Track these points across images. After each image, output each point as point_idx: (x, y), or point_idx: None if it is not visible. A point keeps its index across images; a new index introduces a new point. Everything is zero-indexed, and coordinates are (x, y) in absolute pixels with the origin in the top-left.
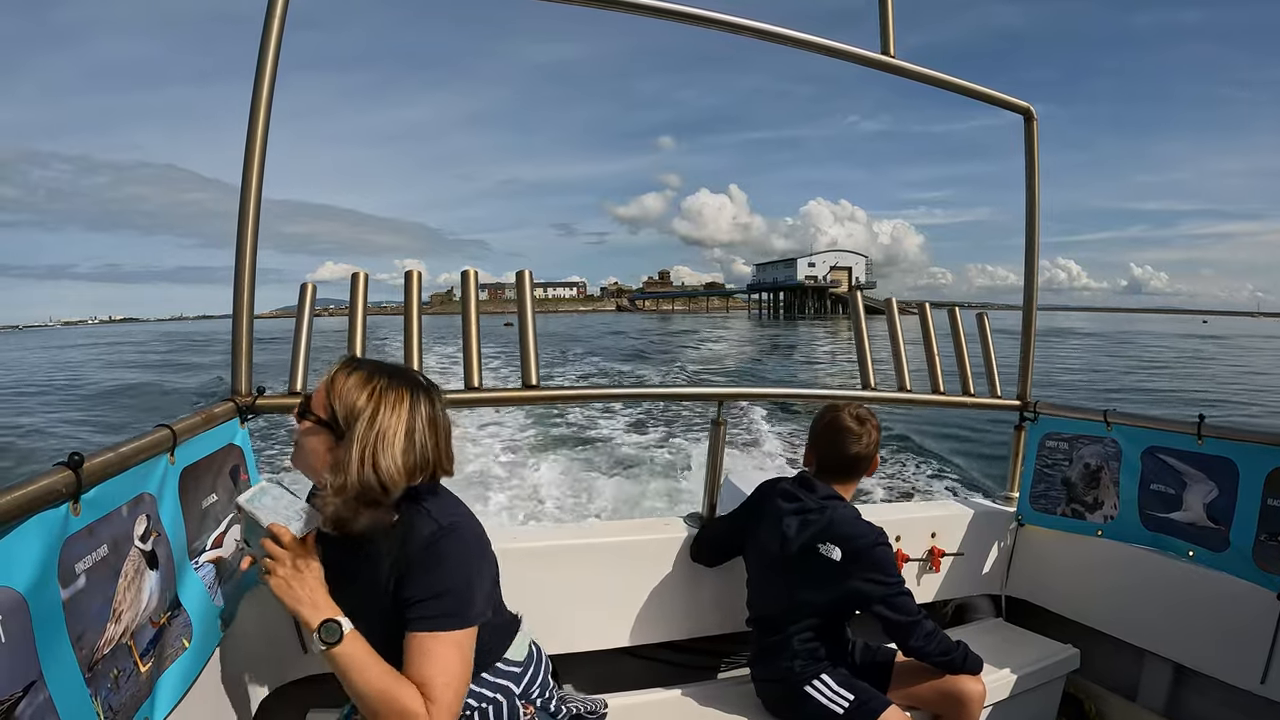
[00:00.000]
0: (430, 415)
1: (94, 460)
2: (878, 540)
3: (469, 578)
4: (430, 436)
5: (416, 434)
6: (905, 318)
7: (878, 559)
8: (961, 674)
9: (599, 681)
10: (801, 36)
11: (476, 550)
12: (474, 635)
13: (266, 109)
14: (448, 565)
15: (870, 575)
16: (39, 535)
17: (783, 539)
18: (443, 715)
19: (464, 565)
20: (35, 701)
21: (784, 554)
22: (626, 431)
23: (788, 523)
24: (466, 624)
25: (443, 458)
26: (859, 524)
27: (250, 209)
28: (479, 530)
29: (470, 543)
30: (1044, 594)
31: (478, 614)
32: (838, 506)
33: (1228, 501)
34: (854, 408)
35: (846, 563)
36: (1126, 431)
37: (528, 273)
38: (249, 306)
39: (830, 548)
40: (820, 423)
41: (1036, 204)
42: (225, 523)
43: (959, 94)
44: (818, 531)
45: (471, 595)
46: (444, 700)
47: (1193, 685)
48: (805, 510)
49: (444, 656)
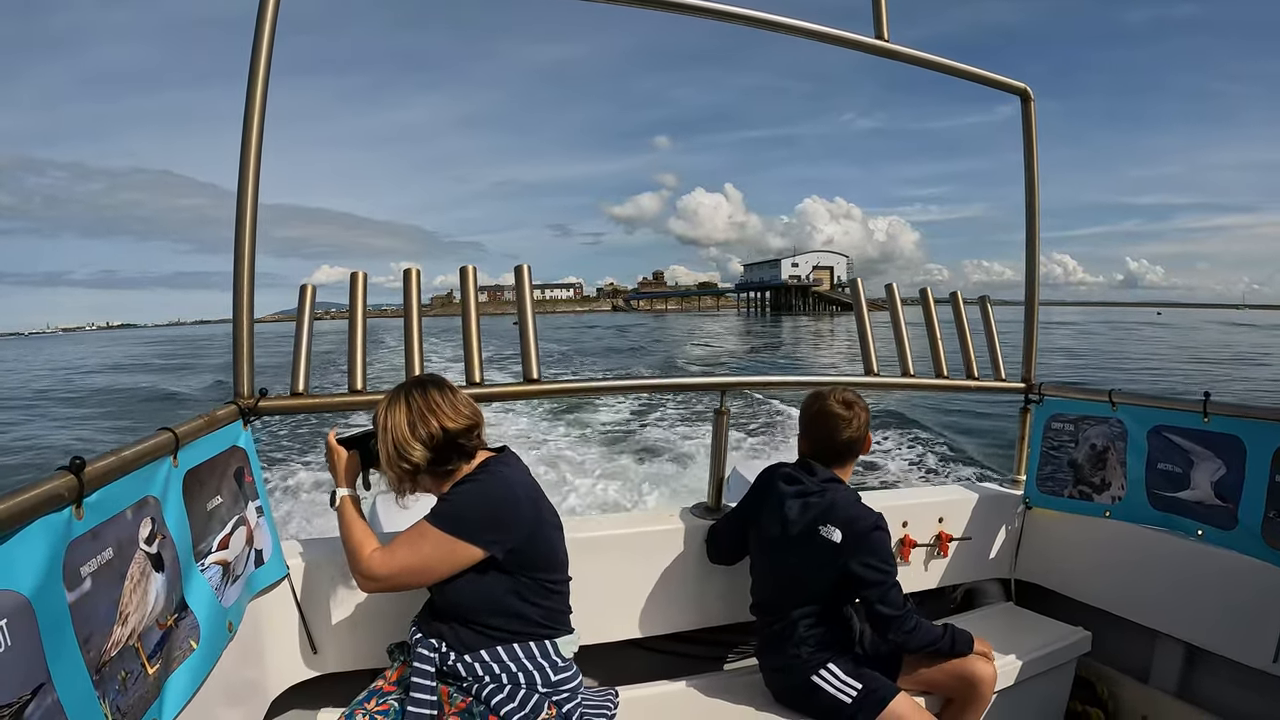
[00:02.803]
0: (424, 405)
1: (96, 464)
2: (877, 524)
3: (475, 505)
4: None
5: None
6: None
7: (875, 543)
8: (953, 657)
9: (608, 674)
10: (795, 24)
11: (499, 492)
12: (449, 545)
13: (260, 112)
14: (467, 489)
15: (866, 559)
16: (42, 539)
17: (784, 521)
18: (372, 567)
19: (477, 495)
20: (44, 704)
21: (786, 536)
22: (631, 423)
23: (789, 505)
24: (445, 527)
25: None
26: (859, 506)
27: (247, 213)
28: (519, 490)
29: (491, 485)
30: (1053, 576)
31: (465, 532)
32: (838, 489)
33: (1235, 479)
34: (840, 392)
35: (846, 545)
36: (1132, 411)
37: (526, 268)
38: (249, 310)
39: (831, 529)
40: (809, 411)
41: (1036, 186)
42: (231, 524)
43: (954, 76)
44: (819, 513)
45: (470, 514)
46: (382, 560)
47: (1204, 665)
48: (807, 493)
49: (411, 537)
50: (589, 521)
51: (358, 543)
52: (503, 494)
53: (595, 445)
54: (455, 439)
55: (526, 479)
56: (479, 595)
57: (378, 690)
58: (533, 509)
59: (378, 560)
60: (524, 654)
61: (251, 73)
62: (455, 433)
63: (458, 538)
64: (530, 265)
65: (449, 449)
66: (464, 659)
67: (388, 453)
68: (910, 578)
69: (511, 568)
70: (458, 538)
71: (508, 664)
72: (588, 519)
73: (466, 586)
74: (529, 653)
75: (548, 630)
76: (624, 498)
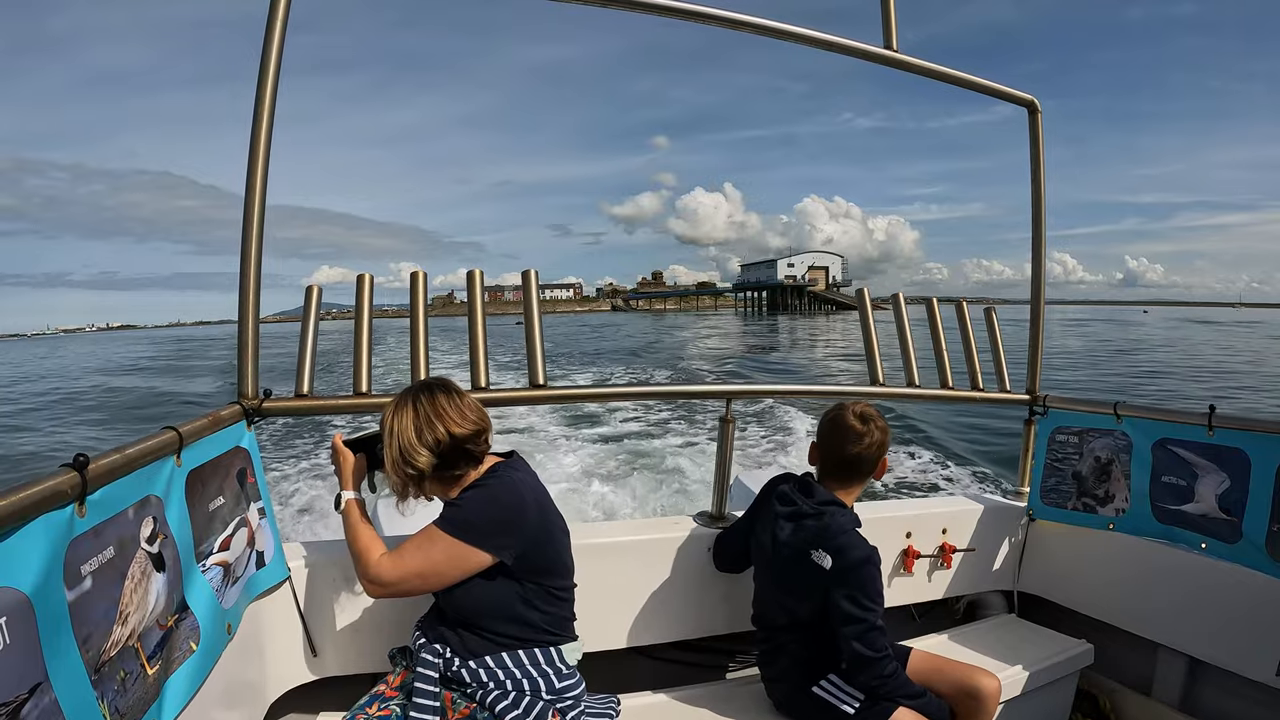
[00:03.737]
0: (431, 410)
1: (99, 462)
2: (868, 558)
3: (485, 510)
4: (438, 424)
5: (424, 430)
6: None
7: (864, 579)
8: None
9: (610, 682)
10: (804, 32)
11: (508, 498)
12: (458, 550)
13: (270, 112)
14: (476, 494)
15: (852, 594)
16: (44, 536)
17: (776, 541)
18: (380, 572)
19: (487, 500)
20: (41, 703)
21: (778, 555)
22: (636, 429)
23: (781, 526)
24: (455, 532)
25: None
26: (853, 536)
27: (255, 213)
28: (527, 495)
29: (501, 490)
30: (1056, 589)
31: (475, 538)
32: (835, 513)
33: (1240, 492)
34: (859, 406)
35: (834, 573)
36: (1137, 424)
37: (533, 272)
38: (254, 310)
39: (822, 555)
40: (825, 418)
41: (1043, 196)
42: (233, 525)
43: (963, 88)
44: (810, 537)
45: (480, 519)
46: (391, 565)
47: (1207, 679)
48: (800, 515)
49: (420, 542)
50: (592, 528)
51: (364, 547)
52: (512, 499)
53: (599, 450)
54: (462, 444)
55: (535, 484)
56: (486, 601)
57: (379, 695)
58: (541, 514)
59: (386, 565)
60: (529, 661)
61: (261, 74)
62: (462, 438)
63: (467, 543)
64: (530, 266)
65: (456, 454)
66: (468, 665)
67: (393, 458)
68: (913, 589)
69: (519, 573)
70: (467, 543)
71: (512, 670)
72: (591, 525)
73: (473, 592)
74: (534, 659)
75: (553, 637)
76: (627, 504)
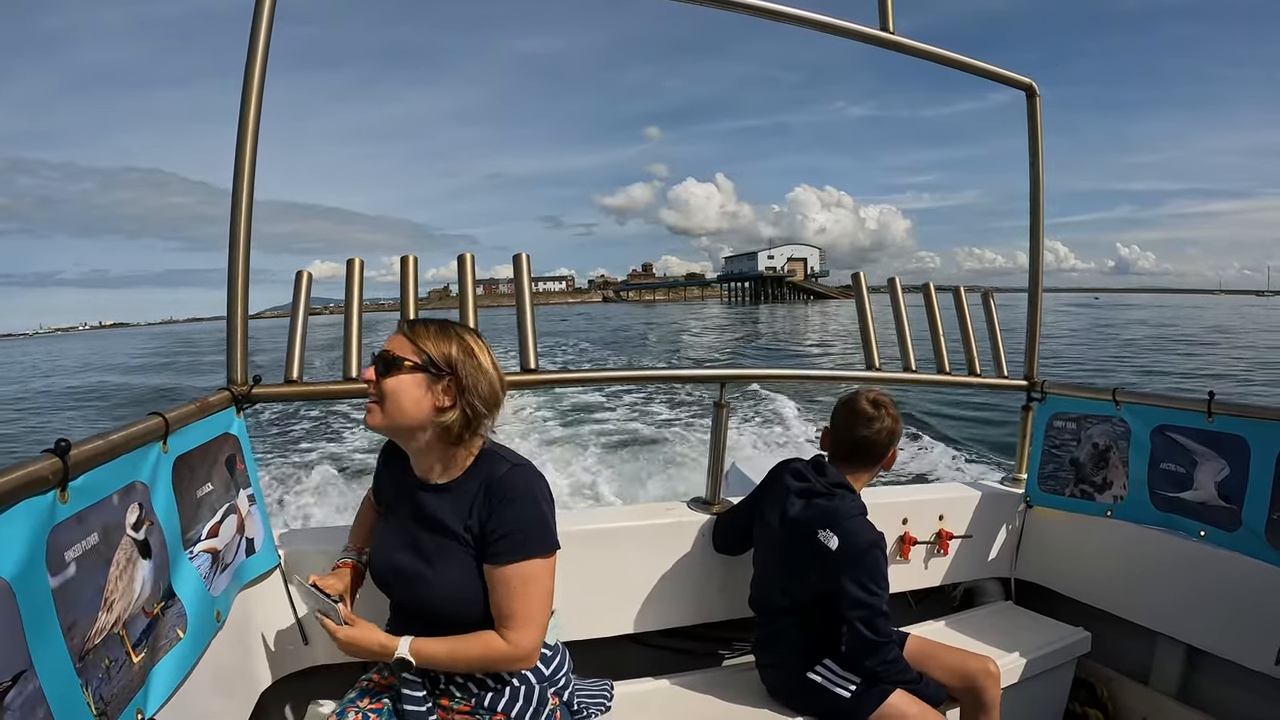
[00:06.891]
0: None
1: (82, 447)
2: (875, 542)
3: (543, 510)
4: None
5: (498, 369)
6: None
7: (870, 563)
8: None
9: (603, 670)
10: (799, 14)
11: (543, 489)
12: (552, 562)
13: (257, 101)
14: (525, 498)
15: (859, 578)
16: (25, 522)
17: (783, 517)
18: (525, 642)
19: (538, 499)
20: (25, 691)
21: (785, 533)
22: (629, 414)
23: (792, 501)
24: (548, 550)
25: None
26: (861, 520)
27: (243, 199)
28: (542, 476)
29: (538, 480)
30: (1053, 576)
31: (554, 540)
32: (845, 496)
33: (1239, 480)
34: (873, 393)
35: (840, 555)
36: (1135, 410)
37: (525, 257)
38: (244, 296)
39: (829, 535)
40: (839, 402)
41: (1041, 181)
42: (221, 512)
43: (960, 70)
44: (819, 515)
45: (548, 525)
46: (526, 636)
47: (1205, 667)
48: (812, 493)
49: (524, 587)
50: (585, 514)
51: (484, 651)
52: (545, 489)
53: (591, 436)
54: (490, 413)
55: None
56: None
57: (371, 685)
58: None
59: (519, 640)
60: None
61: (248, 66)
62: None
63: (554, 549)
64: (528, 254)
65: (476, 422)
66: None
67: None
68: (910, 576)
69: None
70: (554, 549)
71: (508, 681)
72: (584, 511)
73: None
74: None
75: None
76: (621, 490)
